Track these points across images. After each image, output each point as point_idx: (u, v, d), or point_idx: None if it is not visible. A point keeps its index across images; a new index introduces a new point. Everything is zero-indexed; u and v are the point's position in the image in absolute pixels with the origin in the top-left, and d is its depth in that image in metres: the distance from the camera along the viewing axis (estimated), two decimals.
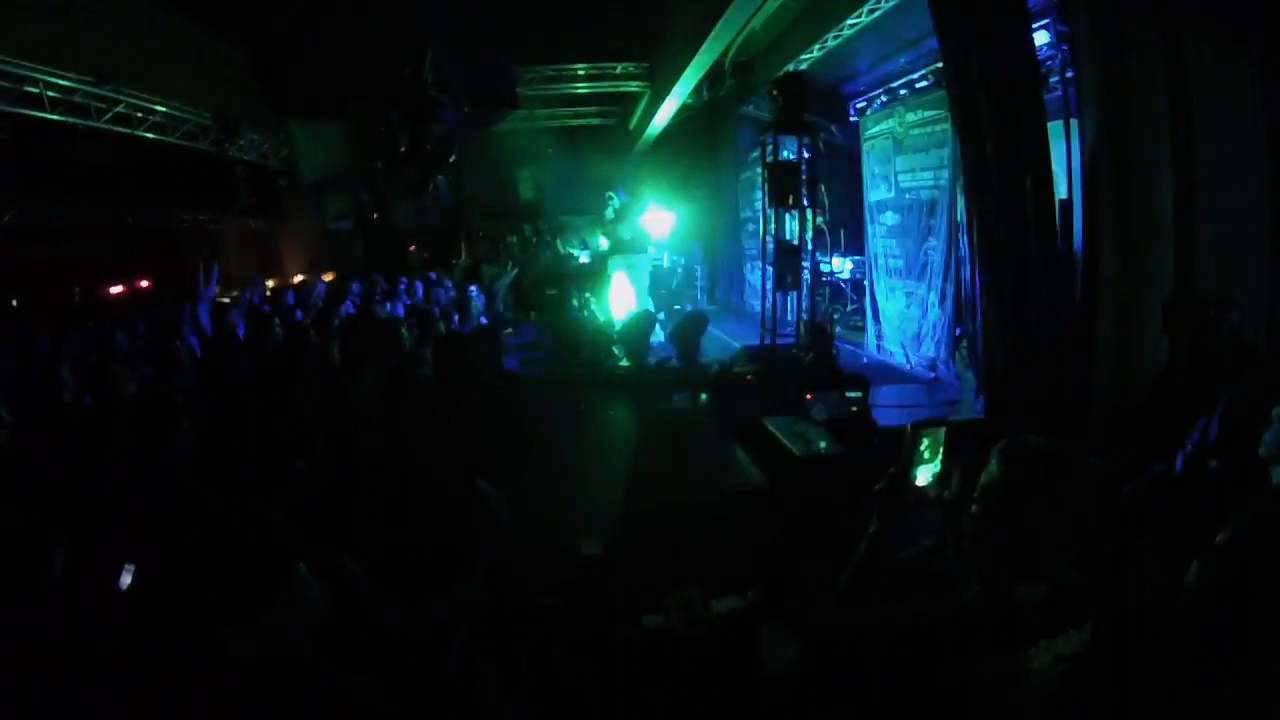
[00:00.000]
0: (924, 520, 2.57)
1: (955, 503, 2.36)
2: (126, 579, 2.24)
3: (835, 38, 11.66)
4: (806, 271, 12.77)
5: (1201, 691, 2.29)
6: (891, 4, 10.12)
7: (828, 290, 14.91)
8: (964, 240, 7.61)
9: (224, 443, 4.01)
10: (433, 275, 13.61)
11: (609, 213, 15.82)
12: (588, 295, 13.43)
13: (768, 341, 12.56)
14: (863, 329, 13.66)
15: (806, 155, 12.56)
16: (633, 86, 15.68)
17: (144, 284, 18.68)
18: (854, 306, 14.85)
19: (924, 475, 2.47)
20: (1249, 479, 2.86)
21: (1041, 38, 7.69)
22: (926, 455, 2.47)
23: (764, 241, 12.99)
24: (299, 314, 10.43)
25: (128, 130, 12.05)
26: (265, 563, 2.04)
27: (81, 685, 2.33)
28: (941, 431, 2.50)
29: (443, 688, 2.86)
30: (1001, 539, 2.10)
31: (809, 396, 6.59)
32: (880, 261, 12.78)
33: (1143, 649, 2.21)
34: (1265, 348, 5.77)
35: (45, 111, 10.29)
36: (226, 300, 10.50)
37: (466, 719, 2.94)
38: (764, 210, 13.33)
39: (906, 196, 11.70)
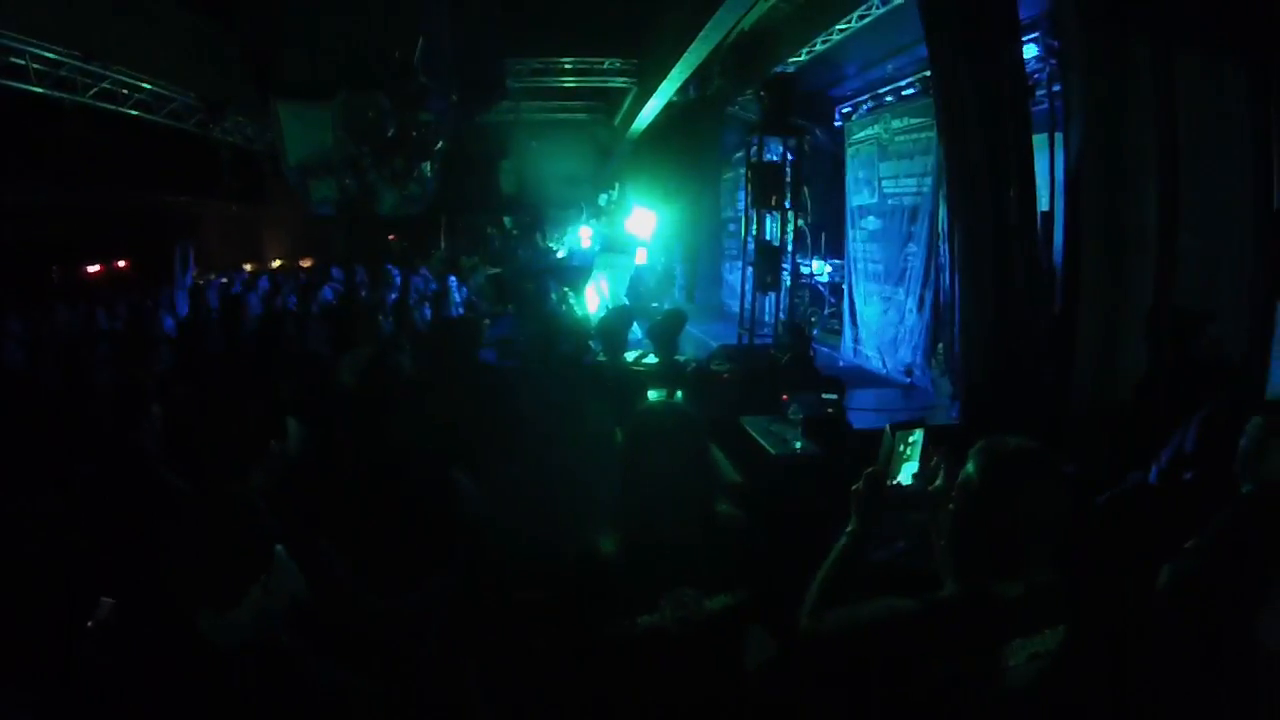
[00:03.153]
0: (901, 521, 2.57)
1: (934, 502, 2.36)
2: (102, 613, 2.19)
3: (825, 42, 11.70)
4: (786, 273, 12.81)
5: (1172, 690, 2.31)
6: (883, 11, 10.15)
7: (806, 292, 14.95)
8: (944, 247, 7.65)
9: (201, 423, 3.98)
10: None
11: (601, 200, 15.81)
12: (566, 290, 13.41)
13: (745, 341, 12.59)
14: (840, 332, 13.67)
15: (791, 157, 12.59)
16: (619, 82, 15.63)
17: (122, 265, 18.50)
18: (832, 310, 14.88)
19: (902, 476, 2.48)
20: (1223, 490, 2.88)
21: (1029, 51, 7.74)
22: (905, 456, 2.48)
23: (745, 242, 13.00)
24: (287, 299, 10.43)
25: (112, 107, 11.94)
26: (243, 544, 2.03)
27: (57, 671, 2.30)
28: (920, 432, 2.50)
29: (418, 677, 2.85)
30: (979, 537, 2.11)
31: (785, 397, 6.61)
32: (860, 266, 12.79)
33: (1117, 649, 2.23)
34: (1243, 360, 5.84)
35: (30, 84, 10.18)
36: (203, 283, 10.46)
37: (442, 708, 2.93)
38: (746, 211, 13.34)
39: (889, 202, 11.72)
